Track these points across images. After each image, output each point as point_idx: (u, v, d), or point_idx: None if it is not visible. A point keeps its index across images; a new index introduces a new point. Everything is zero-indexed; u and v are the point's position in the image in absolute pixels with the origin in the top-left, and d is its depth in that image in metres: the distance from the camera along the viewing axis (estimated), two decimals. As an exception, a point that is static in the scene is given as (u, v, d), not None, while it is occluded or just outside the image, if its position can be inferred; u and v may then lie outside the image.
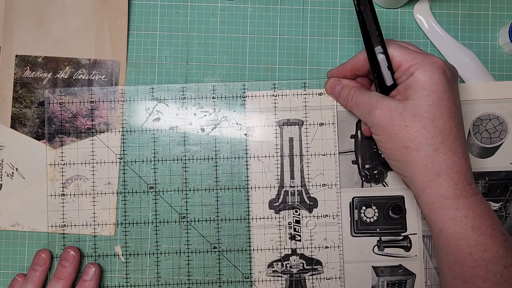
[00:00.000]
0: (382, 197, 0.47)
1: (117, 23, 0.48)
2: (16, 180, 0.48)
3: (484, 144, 0.47)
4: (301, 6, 0.48)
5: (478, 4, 0.48)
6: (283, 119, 0.47)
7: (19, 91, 0.48)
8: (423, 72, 0.38)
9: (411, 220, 0.47)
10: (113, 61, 0.48)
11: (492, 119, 0.47)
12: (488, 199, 0.47)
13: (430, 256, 0.47)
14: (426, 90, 0.38)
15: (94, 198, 0.47)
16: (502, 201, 0.47)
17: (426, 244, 0.47)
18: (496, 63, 0.48)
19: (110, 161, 0.47)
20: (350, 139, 0.47)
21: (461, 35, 0.48)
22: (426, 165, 0.37)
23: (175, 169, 0.47)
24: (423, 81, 0.38)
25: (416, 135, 0.38)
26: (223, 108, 0.48)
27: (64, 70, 0.48)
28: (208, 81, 0.48)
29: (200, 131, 0.48)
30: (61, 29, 0.48)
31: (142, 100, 0.48)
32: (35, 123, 0.48)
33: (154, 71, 0.48)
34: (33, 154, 0.48)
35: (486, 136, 0.47)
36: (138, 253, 0.47)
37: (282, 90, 0.48)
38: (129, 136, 0.48)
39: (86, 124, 0.48)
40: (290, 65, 0.48)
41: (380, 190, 0.47)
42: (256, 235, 0.47)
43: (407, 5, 0.48)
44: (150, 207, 0.47)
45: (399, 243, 0.47)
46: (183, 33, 0.48)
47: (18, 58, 0.48)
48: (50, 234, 0.47)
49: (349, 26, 0.48)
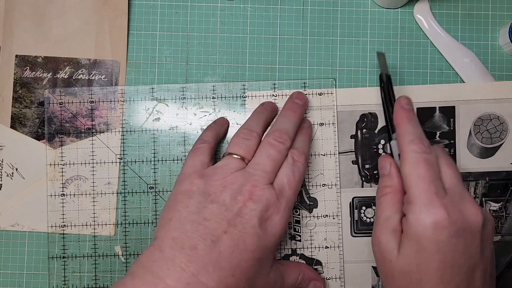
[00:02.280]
0: (382, 197, 0.47)
1: (117, 23, 0.48)
2: (16, 180, 0.48)
3: (484, 144, 0.47)
4: (301, 6, 0.48)
5: (478, 4, 0.48)
6: (283, 119, 0.47)
7: (19, 91, 0.48)
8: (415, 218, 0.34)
9: None
10: (113, 61, 0.48)
11: (492, 119, 0.47)
12: (488, 199, 0.47)
13: (430, 256, 0.47)
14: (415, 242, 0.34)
15: (94, 198, 0.47)
16: (502, 201, 0.47)
17: None
18: (496, 63, 0.48)
19: (110, 161, 0.47)
20: (350, 139, 0.47)
21: (461, 35, 0.48)
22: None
23: (175, 169, 0.47)
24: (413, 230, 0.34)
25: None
26: (223, 108, 0.48)
27: (64, 70, 0.48)
28: (208, 81, 0.48)
29: (200, 131, 0.48)
30: (61, 29, 0.48)
31: (142, 100, 0.48)
32: (35, 123, 0.48)
33: (154, 71, 0.48)
34: (33, 154, 0.48)
35: (486, 136, 0.47)
36: (138, 253, 0.47)
37: (282, 90, 0.48)
38: (129, 136, 0.48)
39: (86, 124, 0.48)
40: (290, 65, 0.48)
41: (380, 190, 0.47)
42: (256, 235, 0.47)
43: (407, 5, 0.48)
44: (150, 207, 0.47)
45: None
46: (183, 33, 0.48)
47: (18, 58, 0.48)
48: (50, 234, 0.47)
49: (349, 26, 0.48)
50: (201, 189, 0.38)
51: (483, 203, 0.47)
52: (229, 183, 0.38)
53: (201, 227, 0.36)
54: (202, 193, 0.38)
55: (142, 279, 0.35)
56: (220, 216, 0.37)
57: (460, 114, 0.47)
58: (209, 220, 0.36)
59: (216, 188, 0.38)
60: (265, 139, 0.41)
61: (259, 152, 0.40)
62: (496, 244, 0.47)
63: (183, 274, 0.34)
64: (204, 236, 0.36)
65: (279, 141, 0.40)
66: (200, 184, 0.38)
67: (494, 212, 0.47)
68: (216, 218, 0.37)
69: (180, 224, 0.37)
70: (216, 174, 0.39)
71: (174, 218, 0.37)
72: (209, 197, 0.38)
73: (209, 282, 0.34)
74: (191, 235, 0.36)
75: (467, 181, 0.47)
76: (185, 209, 0.37)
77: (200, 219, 0.36)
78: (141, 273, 0.35)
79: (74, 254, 0.47)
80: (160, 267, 0.35)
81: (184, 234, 0.36)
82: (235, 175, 0.38)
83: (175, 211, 0.37)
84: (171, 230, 0.36)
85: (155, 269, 0.35)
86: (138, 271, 0.35)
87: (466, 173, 0.47)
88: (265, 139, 0.41)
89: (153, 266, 0.35)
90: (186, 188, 0.39)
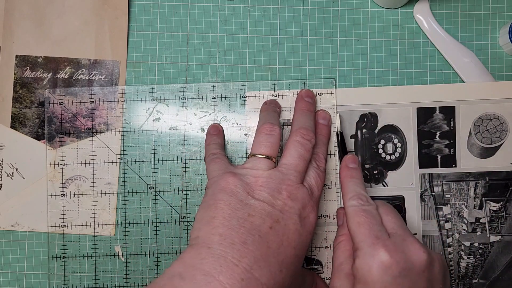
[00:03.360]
0: (382, 197, 0.47)
1: (117, 23, 0.48)
2: (16, 180, 0.48)
3: (484, 144, 0.47)
4: (301, 6, 0.48)
5: (478, 4, 0.48)
6: (283, 119, 0.47)
7: (19, 91, 0.48)
8: (360, 262, 0.36)
9: (412, 220, 0.47)
10: (113, 61, 0.48)
11: (492, 119, 0.47)
12: (488, 199, 0.47)
13: (430, 256, 0.47)
14: (364, 285, 0.35)
15: (94, 198, 0.47)
16: (502, 201, 0.47)
17: (426, 244, 0.47)
18: (496, 63, 0.48)
19: (110, 161, 0.47)
20: (350, 139, 0.47)
21: (461, 35, 0.48)
22: None
23: (175, 169, 0.47)
24: (360, 273, 0.36)
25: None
26: (223, 108, 0.48)
27: (64, 70, 0.48)
28: (208, 81, 0.48)
29: (200, 131, 0.48)
30: (61, 29, 0.48)
31: (142, 100, 0.48)
32: (35, 123, 0.48)
33: (154, 71, 0.48)
34: (33, 154, 0.48)
35: (486, 136, 0.47)
36: (138, 253, 0.47)
37: (282, 90, 0.48)
38: (129, 136, 0.48)
39: (86, 124, 0.48)
40: (290, 65, 0.48)
41: (380, 190, 0.47)
42: (256, 235, 0.47)
43: (407, 5, 0.48)
44: (150, 207, 0.47)
45: None
46: (183, 33, 0.48)
47: (18, 58, 0.48)
48: (50, 234, 0.47)
49: (349, 26, 0.48)
50: (239, 187, 0.38)
51: (483, 203, 0.47)
52: (265, 183, 0.38)
53: (247, 223, 0.36)
54: (241, 191, 0.38)
55: (193, 279, 0.33)
56: (263, 212, 0.37)
57: (460, 114, 0.47)
58: (254, 216, 0.36)
59: (254, 187, 0.38)
60: (292, 137, 0.41)
61: (289, 151, 0.40)
62: (496, 244, 0.47)
63: (236, 270, 0.34)
64: (252, 232, 0.35)
65: (307, 138, 0.41)
66: (236, 182, 0.38)
67: (494, 212, 0.47)
68: (260, 214, 0.36)
69: (225, 221, 0.36)
70: (248, 173, 0.39)
71: (218, 216, 0.36)
72: (248, 194, 0.37)
73: (261, 277, 0.34)
74: (239, 230, 0.35)
75: (467, 181, 0.47)
76: (228, 206, 0.37)
77: (245, 215, 0.36)
78: (190, 273, 0.34)
79: (74, 254, 0.47)
80: (211, 264, 0.34)
81: (232, 230, 0.35)
82: (269, 174, 0.39)
83: (218, 209, 0.37)
84: (217, 227, 0.36)
85: (206, 267, 0.34)
86: (186, 271, 0.34)
87: (466, 173, 0.47)
88: (293, 138, 0.41)
89: (202, 264, 0.34)
90: (223, 187, 0.38)
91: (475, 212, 0.47)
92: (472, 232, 0.47)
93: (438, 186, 0.47)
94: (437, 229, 0.47)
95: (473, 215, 0.47)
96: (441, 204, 0.47)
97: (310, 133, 0.41)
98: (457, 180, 0.47)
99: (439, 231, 0.47)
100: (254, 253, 0.35)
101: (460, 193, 0.47)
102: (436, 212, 0.47)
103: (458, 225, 0.47)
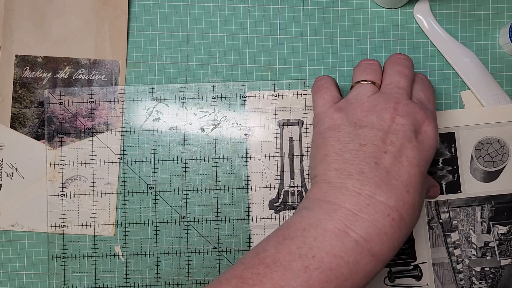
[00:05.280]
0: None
1: (117, 23, 0.48)
2: (16, 180, 0.48)
3: (487, 168, 0.47)
4: (301, 6, 0.48)
5: (478, 4, 0.48)
6: (283, 119, 0.47)
7: (19, 91, 0.48)
8: None
9: (421, 249, 0.47)
10: (113, 61, 0.48)
11: (493, 142, 0.47)
12: (496, 223, 0.47)
13: (441, 284, 0.47)
14: None
15: (94, 198, 0.47)
16: (510, 223, 0.47)
17: (437, 272, 0.47)
18: (496, 63, 0.48)
19: (110, 161, 0.47)
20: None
21: (461, 35, 0.48)
22: None
23: (175, 169, 0.47)
24: None
25: None
26: (223, 108, 0.48)
27: (64, 70, 0.48)
28: (208, 81, 0.48)
29: (200, 131, 0.48)
30: (61, 29, 0.48)
31: (142, 100, 0.48)
32: (35, 123, 0.48)
33: (154, 71, 0.48)
34: (33, 154, 0.48)
35: (488, 160, 0.47)
36: (138, 253, 0.47)
37: (282, 90, 0.48)
38: (129, 136, 0.48)
39: (86, 124, 0.48)
40: (290, 65, 0.48)
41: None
42: (256, 235, 0.47)
43: (407, 5, 0.48)
44: (150, 207, 0.47)
45: (409, 273, 0.47)
46: (183, 33, 0.48)
47: (18, 58, 0.48)
48: (50, 234, 0.47)
49: (349, 26, 0.48)
50: (345, 120, 0.37)
51: (491, 227, 0.47)
52: (370, 107, 0.37)
53: (360, 153, 0.35)
54: (347, 124, 0.37)
55: (320, 208, 0.34)
56: (374, 138, 0.36)
57: (460, 139, 0.47)
58: (365, 145, 0.36)
59: (360, 115, 0.37)
60: (386, 63, 0.40)
61: (387, 73, 0.39)
62: (507, 267, 0.47)
63: (359, 197, 0.34)
64: (367, 160, 0.35)
65: (402, 57, 0.40)
66: (341, 116, 0.38)
67: (503, 235, 0.47)
68: (371, 141, 0.36)
69: (338, 156, 0.36)
70: (353, 103, 0.38)
71: (330, 153, 0.36)
72: (355, 124, 0.37)
73: (388, 200, 0.34)
74: (354, 161, 0.35)
75: (473, 205, 0.47)
76: (337, 142, 0.37)
77: (356, 146, 0.36)
78: (316, 204, 0.34)
79: (74, 254, 0.47)
80: (334, 195, 0.34)
81: (346, 163, 0.35)
82: (373, 98, 0.38)
83: (328, 146, 0.37)
84: (331, 163, 0.36)
85: (330, 198, 0.34)
86: (312, 204, 0.35)
87: (472, 198, 0.47)
88: (387, 62, 0.41)
89: (326, 196, 0.34)
90: (329, 124, 0.38)
91: (484, 237, 0.47)
92: (482, 257, 0.47)
93: (444, 213, 0.47)
94: (447, 256, 0.47)
95: (482, 239, 0.47)
96: (449, 230, 0.47)
97: (404, 55, 0.40)
98: (463, 205, 0.47)
99: (449, 258, 0.47)
100: (374, 179, 0.34)
101: (467, 219, 0.47)
102: (445, 239, 0.47)
103: (468, 250, 0.47)
